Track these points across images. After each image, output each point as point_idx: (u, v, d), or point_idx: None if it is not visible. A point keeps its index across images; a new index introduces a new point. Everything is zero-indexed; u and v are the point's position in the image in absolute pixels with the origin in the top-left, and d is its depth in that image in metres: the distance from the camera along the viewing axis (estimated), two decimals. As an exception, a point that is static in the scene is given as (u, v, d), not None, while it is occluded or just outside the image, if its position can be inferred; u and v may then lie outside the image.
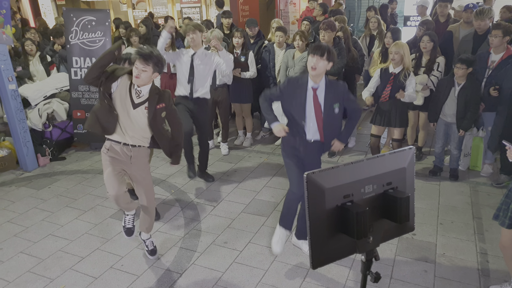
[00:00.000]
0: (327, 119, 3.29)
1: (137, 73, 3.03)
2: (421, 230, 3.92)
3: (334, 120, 3.33)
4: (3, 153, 5.55)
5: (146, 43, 6.54)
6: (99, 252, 3.77)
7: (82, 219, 4.33)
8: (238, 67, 5.60)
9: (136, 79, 3.06)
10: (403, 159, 1.77)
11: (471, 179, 4.88)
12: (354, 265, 3.44)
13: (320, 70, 3.17)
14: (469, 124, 4.57)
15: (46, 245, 3.91)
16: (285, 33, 5.81)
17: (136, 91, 3.13)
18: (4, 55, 5.15)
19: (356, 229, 1.57)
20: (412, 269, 3.40)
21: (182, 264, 3.57)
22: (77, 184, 5.13)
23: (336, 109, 3.27)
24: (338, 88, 3.30)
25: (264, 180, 5.07)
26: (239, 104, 5.95)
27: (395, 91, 4.42)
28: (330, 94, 3.26)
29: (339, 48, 5.07)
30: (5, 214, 4.49)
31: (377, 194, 1.70)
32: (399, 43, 4.46)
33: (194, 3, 12.63)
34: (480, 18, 4.92)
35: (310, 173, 1.53)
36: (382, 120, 4.67)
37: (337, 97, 3.28)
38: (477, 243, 3.71)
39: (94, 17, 6.03)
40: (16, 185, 5.17)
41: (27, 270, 3.55)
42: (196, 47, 4.70)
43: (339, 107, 3.29)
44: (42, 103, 5.89)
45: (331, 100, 3.26)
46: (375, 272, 1.75)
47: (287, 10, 10.37)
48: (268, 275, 3.40)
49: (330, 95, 3.26)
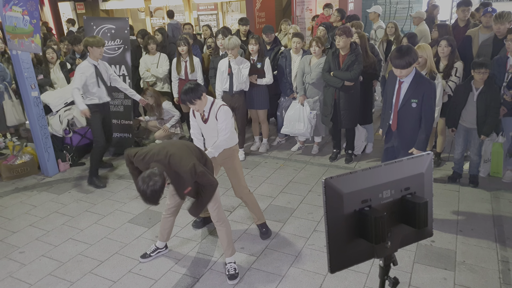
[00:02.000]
0: (402, 110, 3.69)
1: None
2: (440, 237, 3.87)
3: (409, 114, 3.67)
4: (25, 158, 5.69)
5: (162, 51, 6.63)
6: (118, 256, 3.83)
7: (101, 224, 4.40)
8: (254, 73, 5.64)
9: None
10: (421, 165, 1.76)
11: (492, 186, 4.79)
12: (371, 272, 3.41)
13: (406, 75, 3.56)
14: (490, 129, 4.50)
15: (67, 248, 3.98)
16: (302, 39, 5.84)
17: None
18: (27, 63, 5.30)
19: (374, 233, 1.57)
20: (431, 276, 3.35)
21: (199, 269, 3.60)
22: (96, 189, 5.21)
23: (414, 104, 3.59)
24: (423, 86, 3.57)
25: (280, 186, 5.07)
26: (255, 110, 5.98)
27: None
28: (412, 89, 3.60)
29: (355, 54, 5.06)
30: (27, 218, 4.59)
31: (395, 199, 1.69)
32: (422, 45, 4.40)
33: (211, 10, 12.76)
34: (500, 22, 4.87)
35: (328, 178, 1.54)
36: None
37: (418, 93, 3.56)
38: (498, 251, 3.64)
39: (113, 25, 6.16)
40: (37, 190, 5.29)
41: (48, 273, 3.62)
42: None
43: (418, 104, 3.58)
44: (63, 109, 6.02)
45: (410, 94, 3.61)
46: (393, 277, 1.74)
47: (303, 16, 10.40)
48: (285, 281, 3.39)
49: (411, 90, 3.60)
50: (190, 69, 6.00)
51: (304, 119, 5.62)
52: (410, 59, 3.46)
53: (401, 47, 3.55)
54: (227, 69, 5.45)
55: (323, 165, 5.65)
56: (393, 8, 11.59)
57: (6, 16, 4.95)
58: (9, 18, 4.97)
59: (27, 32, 5.16)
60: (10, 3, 4.92)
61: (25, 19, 5.07)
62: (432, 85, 3.63)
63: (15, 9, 4.96)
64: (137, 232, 4.20)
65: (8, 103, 6.55)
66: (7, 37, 5.05)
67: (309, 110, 5.61)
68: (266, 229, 4.02)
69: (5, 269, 3.71)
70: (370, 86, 5.79)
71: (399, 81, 3.67)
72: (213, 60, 6.09)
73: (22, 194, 5.19)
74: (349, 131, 5.58)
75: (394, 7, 11.57)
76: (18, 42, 5.11)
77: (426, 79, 3.65)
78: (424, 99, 3.58)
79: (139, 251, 3.88)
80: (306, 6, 10.33)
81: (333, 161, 5.73)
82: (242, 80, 5.43)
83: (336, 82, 5.14)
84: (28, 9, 5.07)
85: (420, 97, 3.58)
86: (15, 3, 4.95)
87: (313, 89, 5.62)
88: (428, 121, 3.66)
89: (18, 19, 5.03)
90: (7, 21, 4.98)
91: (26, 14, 5.07)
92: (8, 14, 4.95)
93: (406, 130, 3.79)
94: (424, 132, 3.70)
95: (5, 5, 4.91)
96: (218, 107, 3.60)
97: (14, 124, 6.72)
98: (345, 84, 5.14)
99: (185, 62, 6.01)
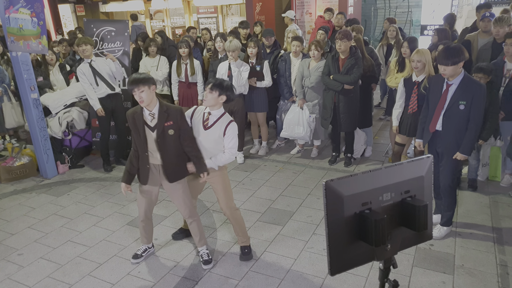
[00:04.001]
0: (449, 113, 3.63)
1: (138, 98, 3.21)
2: (439, 241, 3.87)
3: (456, 116, 3.61)
4: (24, 160, 5.68)
5: (162, 54, 6.65)
6: (117, 259, 3.82)
7: (100, 226, 4.40)
8: (253, 76, 5.65)
9: (141, 103, 3.24)
10: (421, 168, 1.77)
11: (491, 190, 4.80)
12: (370, 275, 3.41)
13: (450, 73, 3.53)
14: (489, 134, 4.50)
15: (65, 251, 3.98)
16: (301, 42, 5.86)
17: (149, 115, 3.27)
18: (27, 65, 5.30)
19: (374, 236, 1.57)
20: (429, 280, 3.35)
21: (198, 271, 3.59)
22: (95, 192, 5.21)
23: (462, 106, 3.55)
24: (472, 88, 3.53)
25: (279, 189, 5.07)
26: (254, 113, 5.99)
27: (421, 99, 4.34)
28: (461, 91, 3.56)
29: (355, 58, 5.08)
30: (26, 220, 4.58)
31: (395, 202, 1.70)
32: (421, 50, 4.38)
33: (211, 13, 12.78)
34: (499, 25, 4.89)
35: (329, 180, 1.55)
36: (408, 130, 4.60)
37: (467, 95, 3.53)
38: (497, 254, 3.65)
39: (113, 28, 6.17)
40: (36, 192, 5.28)
41: (46, 275, 3.61)
42: None
43: (466, 106, 3.54)
44: (62, 111, 6.02)
45: (459, 96, 3.56)
46: (393, 280, 1.75)
47: (303, 20, 10.43)
48: (284, 284, 3.39)
49: (460, 91, 3.56)
50: (191, 71, 6.01)
51: (304, 123, 5.63)
52: (456, 58, 3.44)
53: (448, 45, 3.59)
54: (227, 72, 5.46)
55: (322, 168, 5.65)
56: (393, 12, 11.64)
57: (11, 18, 4.96)
58: (14, 20, 4.99)
59: (35, 33, 5.22)
60: (17, 5, 4.96)
61: (33, 20, 5.13)
62: (482, 88, 3.55)
63: (23, 11, 5.01)
64: (136, 234, 4.19)
65: (7, 105, 6.55)
66: (10, 39, 5.04)
67: (309, 114, 5.62)
68: (249, 250, 3.75)
69: (3, 271, 3.70)
70: (369, 90, 5.80)
71: (447, 83, 3.62)
72: (213, 63, 6.11)
73: (20, 196, 5.18)
74: (349, 135, 5.59)
75: (393, 11, 11.62)
76: (24, 44, 5.13)
77: (476, 82, 3.59)
78: (474, 101, 3.52)
79: (138, 253, 3.88)
80: (306, 9, 10.36)
81: (332, 165, 5.74)
82: (242, 83, 5.44)
83: (336, 85, 5.16)
84: (35, 11, 5.13)
85: (470, 99, 3.52)
86: (23, 5, 5.01)
87: (312, 92, 5.63)
88: (477, 124, 3.58)
89: (26, 21, 5.09)
90: (11, 23, 4.99)
91: (34, 16, 5.14)
92: (13, 16, 4.96)
93: (451, 133, 3.69)
94: (471, 136, 3.61)
95: (9, 7, 4.92)
96: (228, 122, 3.39)
97: (13, 126, 6.72)
98: (345, 88, 5.15)
99: (186, 65, 6.02)
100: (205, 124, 3.42)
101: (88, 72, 5.42)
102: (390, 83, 5.24)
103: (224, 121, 3.40)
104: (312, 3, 10.20)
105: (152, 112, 3.27)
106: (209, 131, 3.41)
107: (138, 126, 3.28)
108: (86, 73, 5.41)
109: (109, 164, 5.91)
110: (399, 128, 4.68)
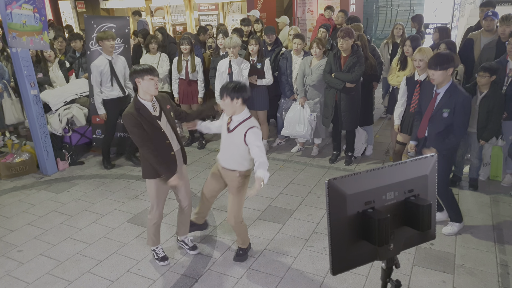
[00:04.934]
0: (433, 119, 3.72)
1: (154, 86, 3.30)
2: (440, 240, 3.86)
3: (439, 123, 3.69)
4: (24, 157, 5.67)
5: (162, 51, 6.62)
6: (116, 256, 3.81)
7: (100, 223, 4.38)
8: (254, 74, 5.63)
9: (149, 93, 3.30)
10: (425, 167, 1.75)
11: (492, 189, 4.79)
12: (370, 274, 3.40)
13: (438, 79, 3.59)
14: (491, 134, 4.47)
15: (65, 248, 3.97)
16: (303, 40, 5.83)
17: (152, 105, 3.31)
18: (27, 61, 5.28)
19: (378, 235, 1.55)
20: (430, 279, 3.34)
21: (198, 269, 3.58)
22: (95, 189, 5.20)
23: (445, 113, 3.62)
24: (456, 97, 3.59)
25: (280, 187, 5.06)
26: (255, 111, 5.97)
27: (423, 98, 4.32)
28: (445, 99, 3.63)
29: (357, 56, 5.06)
30: (26, 216, 4.57)
31: (398, 201, 1.68)
32: (423, 49, 4.35)
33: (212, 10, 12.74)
34: (505, 24, 4.86)
35: (332, 179, 1.53)
36: (410, 129, 4.57)
37: (450, 103, 3.60)
38: (498, 254, 3.64)
39: (114, 24, 6.14)
40: (36, 189, 5.27)
41: (46, 272, 3.61)
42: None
43: (449, 114, 3.60)
44: (62, 108, 6.00)
45: (443, 104, 3.64)
46: (395, 280, 1.73)
47: (305, 17, 10.39)
48: (284, 282, 3.38)
49: (445, 100, 3.64)
50: (191, 68, 5.99)
51: (305, 121, 5.61)
52: (445, 64, 3.51)
53: (440, 52, 3.71)
54: (227, 69, 5.43)
55: (323, 167, 5.64)
56: (395, 10, 11.59)
57: (13, 13, 4.94)
58: (17, 16, 4.97)
59: (38, 29, 5.22)
60: (21, 1, 4.94)
61: (36, 16, 5.12)
62: (467, 98, 3.59)
63: (26, 6, 5.00)
64: (135, 231, 4.18)
65: (7, 101, 6.53)
66: (12, 35, 5.01)
67: (310, 112, 5.60)
68: (244, 252, 3.70)
69: (3, 268, 3.69)
70: (370, 88, 5.78)
71: (436, 92, 3.70)
72: (214, 60, 6.08)
73: (20, 193, 5.17)
74: (349, 133, 5.58)
75: (395, 9, 11.58)
76: (27, 40, 5.11)
77: (461, 92, 3.63)
78: (456, 110, 3.57)
79: (137, 250, 3.87)
80: (307, 7, 10.32)
81: (333, 163, 5.72)
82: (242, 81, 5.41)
83: (337, 83, 5.14)
84: (37, 7, 5.12)
85: (452, 107, 3.58)
86: (26, 1, 4.99)
87: (314, 91, 5.61)
88: (457, 137, 3.65)
89: (29, 17, 5.07)
90: (13, 18, 4.96)
91: (36, 11, 5.12)
92: (16, 12, 4.94)
93: (432, 138, 3.78)
94: (448, 144, 3.67)
95: (11, 3, 4.89)
96: (248, 127, 3.22)
97: (13, 122, 6.70)
98: (346, 86, 5.14)
99: (187, 62, 6.00)
100: (228, 127, 3.37)
101: (106, 70, 5.29)
102: (391, 81, 5.22)
103: (245, 125, 3.27)
104: (314, 1, 10.16)
105: (153, 102, 3.33)
106: (231, 134, 3.34)
107: (149, 120, 3.24)
108: (104, 70, 5.26)
109: (109, 162, 5.86)
110: (400, 127, 4.67)
